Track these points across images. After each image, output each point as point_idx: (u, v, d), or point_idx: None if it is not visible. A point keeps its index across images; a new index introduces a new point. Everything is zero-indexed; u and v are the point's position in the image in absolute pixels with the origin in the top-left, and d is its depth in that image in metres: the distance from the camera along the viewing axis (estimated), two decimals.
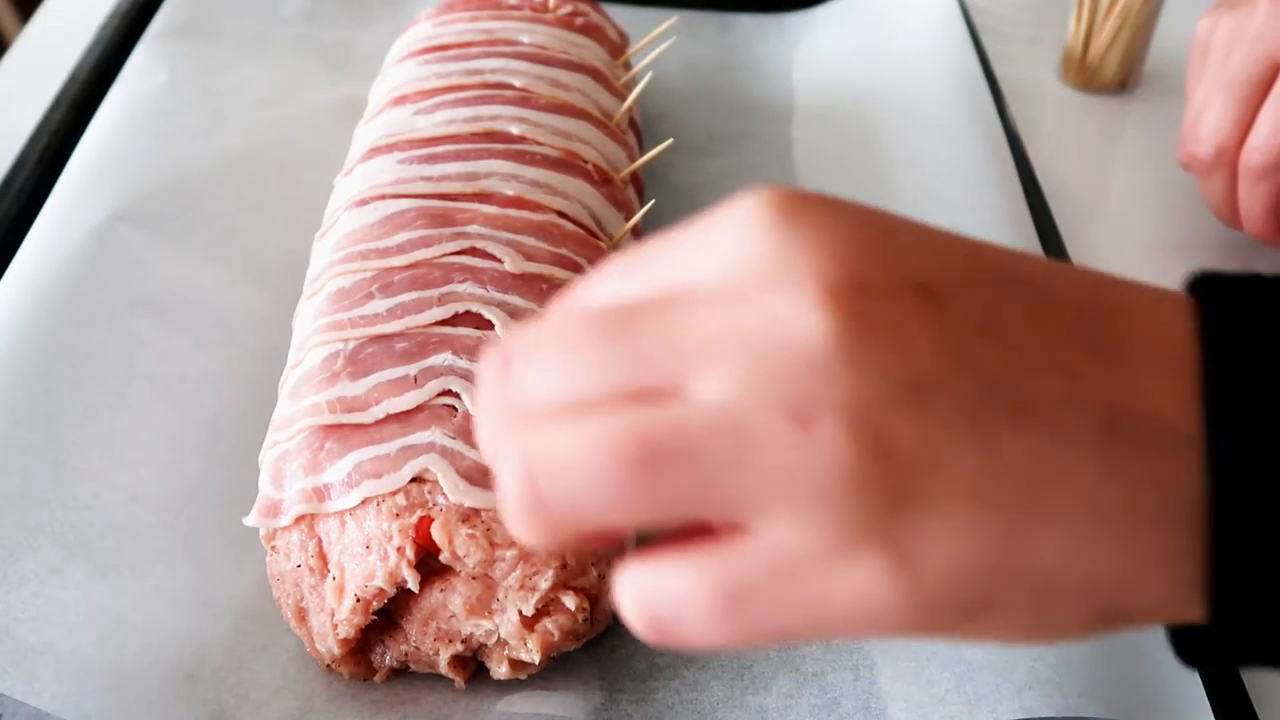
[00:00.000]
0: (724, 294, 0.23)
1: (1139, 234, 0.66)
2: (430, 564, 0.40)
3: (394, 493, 0.40)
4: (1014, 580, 0.23)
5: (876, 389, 0.22)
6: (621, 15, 0.72)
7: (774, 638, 0.24)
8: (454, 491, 0.39)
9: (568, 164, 0.52)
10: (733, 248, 0.24)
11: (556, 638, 0.40)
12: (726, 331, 0.23)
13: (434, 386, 0.42)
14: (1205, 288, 0.25)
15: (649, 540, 0.25)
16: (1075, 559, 0.23)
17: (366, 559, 0.40)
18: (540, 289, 0.46)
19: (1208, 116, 0.56)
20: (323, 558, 0.41)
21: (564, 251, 0.48)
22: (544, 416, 0.24)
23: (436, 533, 0.39)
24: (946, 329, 0.23)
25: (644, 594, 0.24)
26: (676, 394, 0.23)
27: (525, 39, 0.59)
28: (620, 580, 0.25)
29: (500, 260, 0.47)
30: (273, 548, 0.43)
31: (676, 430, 0.22)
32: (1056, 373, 0.23)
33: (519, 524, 0.24)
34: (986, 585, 0.23)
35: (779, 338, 0.22)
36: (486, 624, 0.40)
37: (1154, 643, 0.42)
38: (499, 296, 0.45)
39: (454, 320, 0.44)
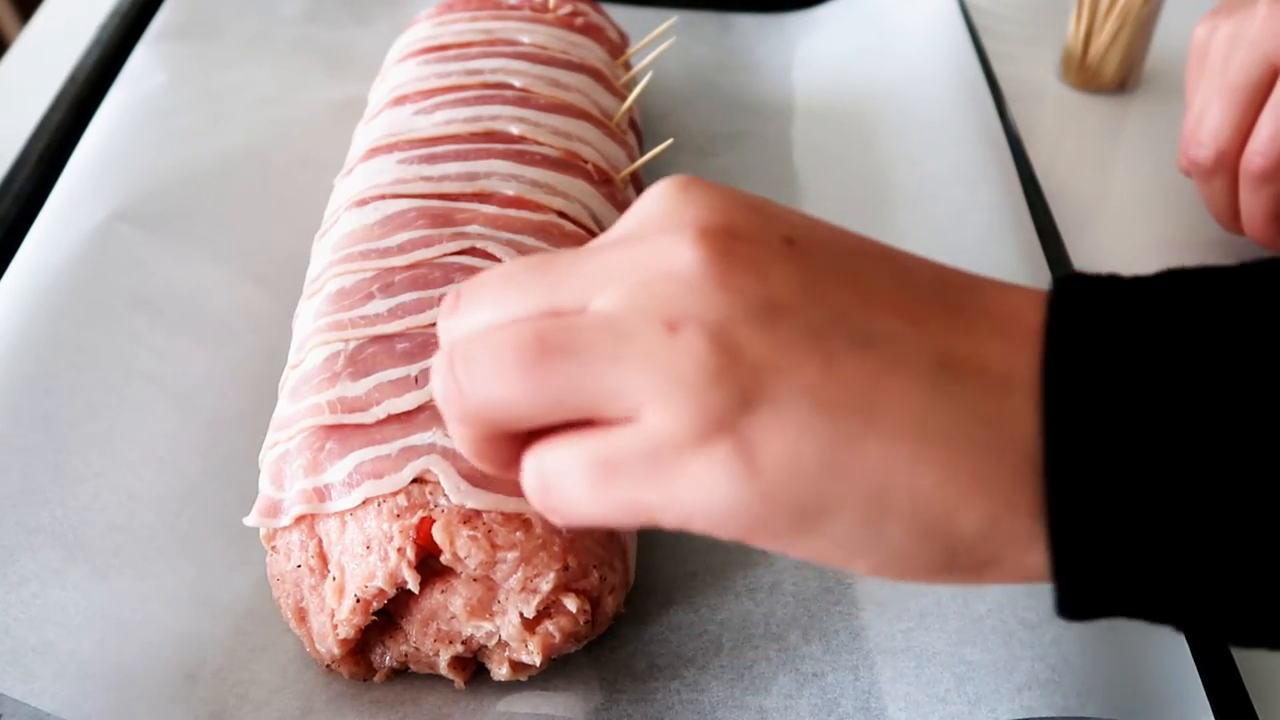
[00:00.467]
0: (626, 239, 0.29)
1: (1139, 234, 0.66)
2: (431, 565, 0.40)
3: (395, 493, 0.40)
4: (846, 483, 0.26)
5: (735, 306, 0.26)
6: (621, 15, 0.72)
7: (637, 514, 0.27)
8: (455, 493, 0.39)
9: (568, 164, 0.52)
10: (639, 211, 0.30)
11: (557, 640, 0.40)
12: (622, 263, 0.28)
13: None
14: (1064, 280, 0.28)
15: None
16: (901, 469, 0.26)
17: (367, 559, 0.40)
18: None
19: (1207, 122, 0.56)
20: (323, 558, 0.41)
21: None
22: (477, 335, 0.29)
23: (438, 534, 0.39)
24: (804, 268, 0.27)
25: (538, 463, 0.29)
26: (578, 312, 0.28)
27: (525, 39, 0.59)
28: (525, 457, 0.29)
29: (500, 260, 0.47)
30: (273, 548, 0.43)
31: (569, 331, 0.27)
32: (902, 317, 0.27)
33: (445, 413, 0.29)
34: (820, 483, 0.26)
35: (661, 266, 0.27)
36: (487, 625, 0.40)
37: (1154, 643, 0.42)
38: None
39: None
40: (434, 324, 0.44)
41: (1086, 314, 0.26)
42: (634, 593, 0.45)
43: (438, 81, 0.56)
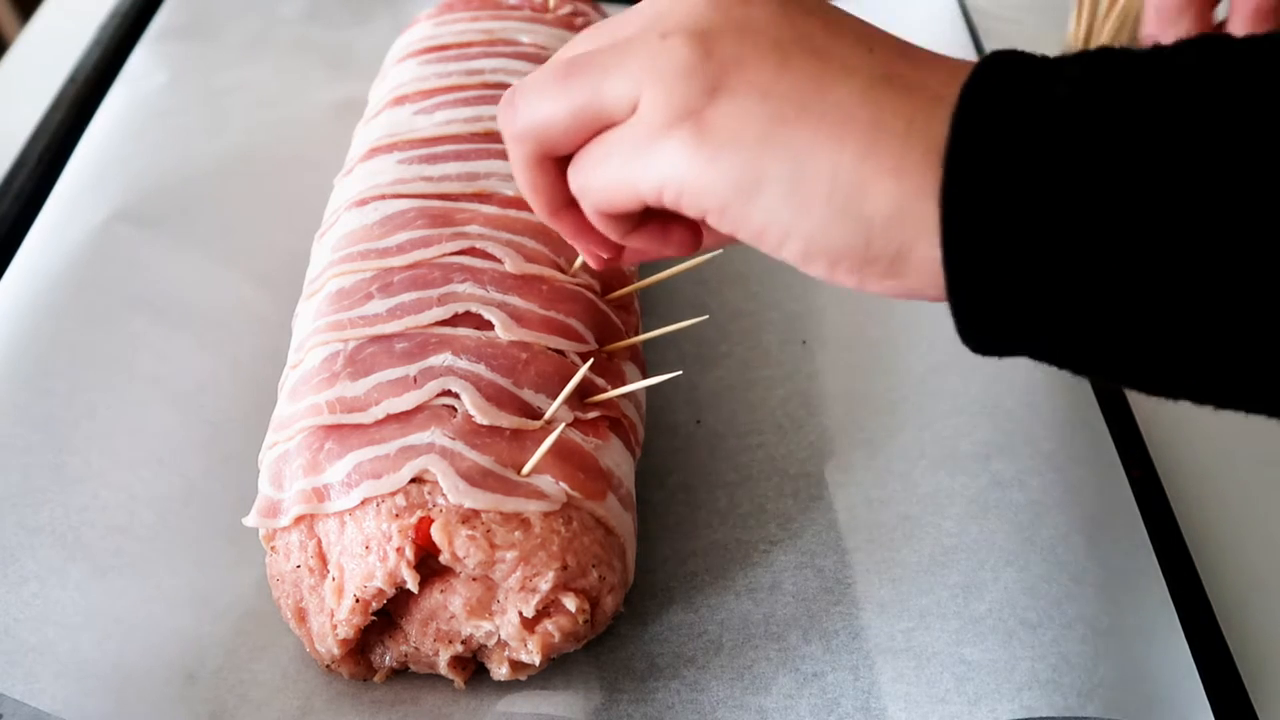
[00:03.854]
0: None
1: None
2: (430, 565, 0.40)
3: (394, 493, 0.40)
4: (775, 155, 0.31)
5: (716, 20, 0.32)
6: None
7: (625, 185, 0.33)
8: (454, 492, 0.39)
9: None
10: None
11: (557, 639, 0.40)
12: (646, 2, 0.34)
13: (434, 387, 0.42)
14: (997, 53, 0.31)
15: None
16: (823, 145, 0.30)
17: (366, 559, 0.40)
18: (540, 289, 0.46)
19: None
20: (322, 558, 0.41)
21: (564, 253, 0.48)
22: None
23: (436, 534, 0.39)
24: (786, 4, 0.33)
25: (576, 163, 0.35)
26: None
27: (525, 39, 0.59)
28: (570, 167, 0.35)
29: (500, 260, 0.47)
30: (272, 548, 0.43)
31: (588, 55, 0.34)
32: (859, 46, 0.32)
33: (507, 140, 0.36)
34: (755, 153, 0.31)
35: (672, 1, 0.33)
36: (487, 625, 0.40)
37: (1154, 643, 0.42)
38: (499, 297, 0.45)
39: (454, 320, 0.44)
40: (433, 324, 0.44)
41: (1011, 61, 0.30)
42: (634, 593, 0.45)
43: (438, 81, 0.56)
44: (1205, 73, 0.28)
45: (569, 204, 0.36)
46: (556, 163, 0.36)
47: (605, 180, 0.34)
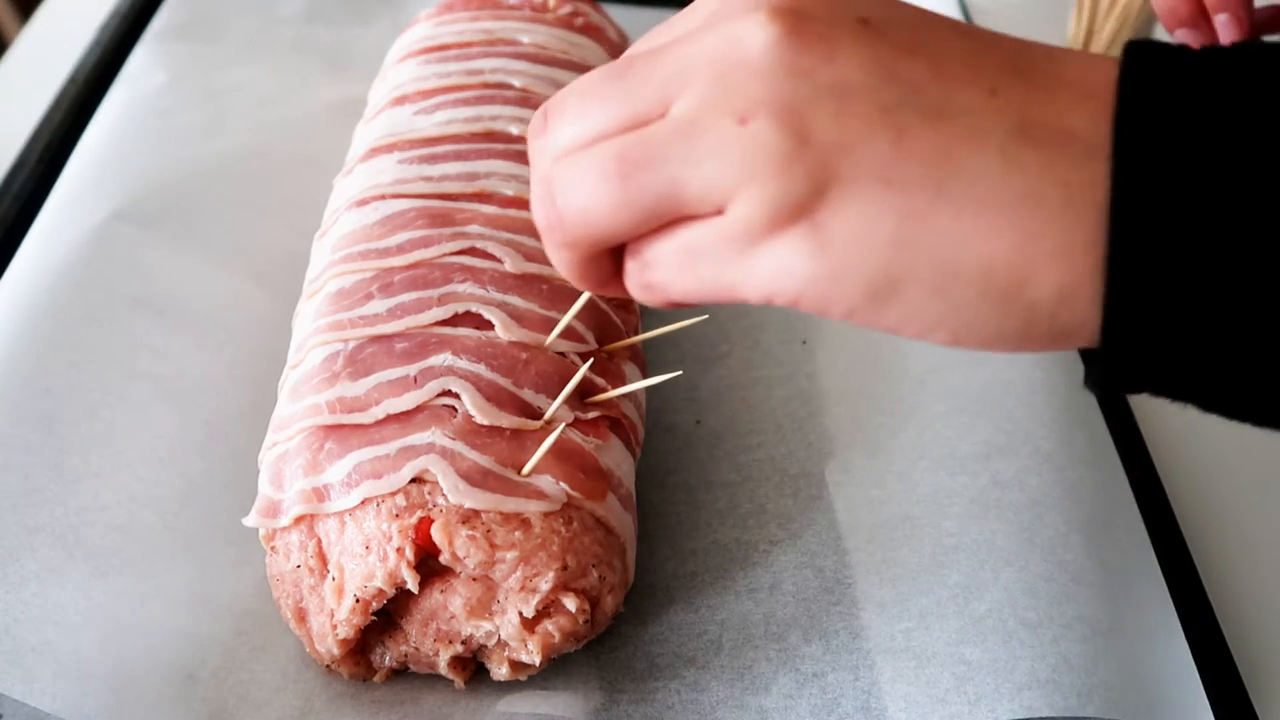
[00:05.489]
0: (698, 31, 0.28)
1: None
2: (430, 565, 0.40)
3: (394, 493, 0.40)
4: (913, 256, 0.26)
5: (803, 90, 0.27)
6: (621, 15, 0.72)
7: (720, 291, 0.28)
8: (454, 492, 0.39)
9: None
10: (709, 2, 0.29)
11: (557, 639, 0.40)
12: (696, 58, 0.28)
13: (434, 387, 0.42)
14: (1134, 48, 0.27)
15: None
16: (971, 239, 0.26)
17: (366, 559, 0.40)
18: (540, 289, 0.46)
19: None
20: (322, 558, 0.41)
21: None
22: (568, 153, 0.29)
23: (437, 534, 0.39)
24: (877, 48, 0.27)
25: (638, 254, 0.30)
26: (660, 115, 0.28)
27: (525, 39, 0.59)
28: (627, 253, 0.30)
29: (500, 260, 0.47)
30: (272, 548, 0.43)
31: (644, 142, 0.28)
32: (977, 88, 0.27)
33: (547, 243, 0.30)
34: (887, 257, 0.26)
35: (733, 53, 0.27)
36: (487, 625, 0.40)
37: (1154, 643, 0.42)
38: (499, 296, 0.45)
39: (454, 320, 0.44)
40: (433, 324, 0.44)
41: (1158, 76, 0.26)
42: (634, 593, 0.45)
43: (438, 81, 0.56)
44: None
45: (616, 273, 0.31)
46: (610, 251, 0.30)
47: (692, 285, 0.29)
